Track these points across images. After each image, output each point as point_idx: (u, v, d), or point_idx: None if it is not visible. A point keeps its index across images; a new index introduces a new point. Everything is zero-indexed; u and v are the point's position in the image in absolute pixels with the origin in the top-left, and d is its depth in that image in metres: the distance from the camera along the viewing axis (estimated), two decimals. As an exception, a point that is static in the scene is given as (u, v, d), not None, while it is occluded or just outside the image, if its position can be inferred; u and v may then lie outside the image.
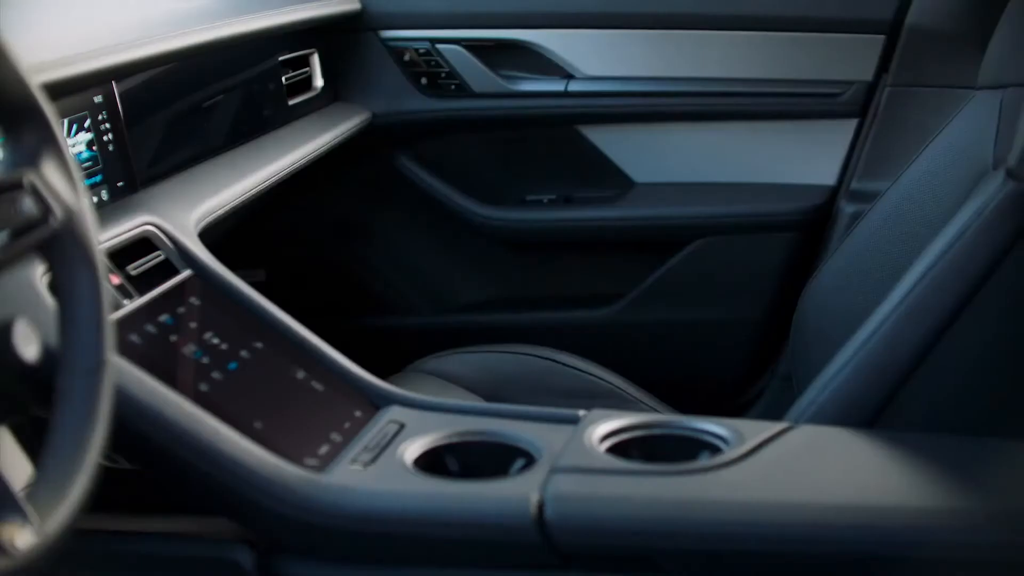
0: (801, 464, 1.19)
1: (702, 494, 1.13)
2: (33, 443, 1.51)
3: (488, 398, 1.91)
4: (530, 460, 1.24)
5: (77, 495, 0.91)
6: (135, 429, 1.18)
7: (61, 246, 0.98)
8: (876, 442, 1.22)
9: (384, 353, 2.07)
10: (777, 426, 1.25)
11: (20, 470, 1.49)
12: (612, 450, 1.24)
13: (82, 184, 1.01)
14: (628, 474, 1.17)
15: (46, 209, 0.96)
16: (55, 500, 0.90)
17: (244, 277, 1.49)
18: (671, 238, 2.35)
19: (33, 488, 0.92)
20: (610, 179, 2.39)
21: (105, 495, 0.95)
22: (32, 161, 0.96)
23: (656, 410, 1.98)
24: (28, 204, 0.95)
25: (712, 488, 1.14)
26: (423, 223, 2.50)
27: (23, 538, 0.85)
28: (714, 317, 2.35)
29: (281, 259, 2.50)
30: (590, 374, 2.02)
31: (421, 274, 2.53)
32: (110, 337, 0.99)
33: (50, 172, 0.98)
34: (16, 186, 0.95)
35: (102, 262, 1.01)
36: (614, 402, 1.95)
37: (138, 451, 1.20)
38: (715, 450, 1.23)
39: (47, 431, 0.95)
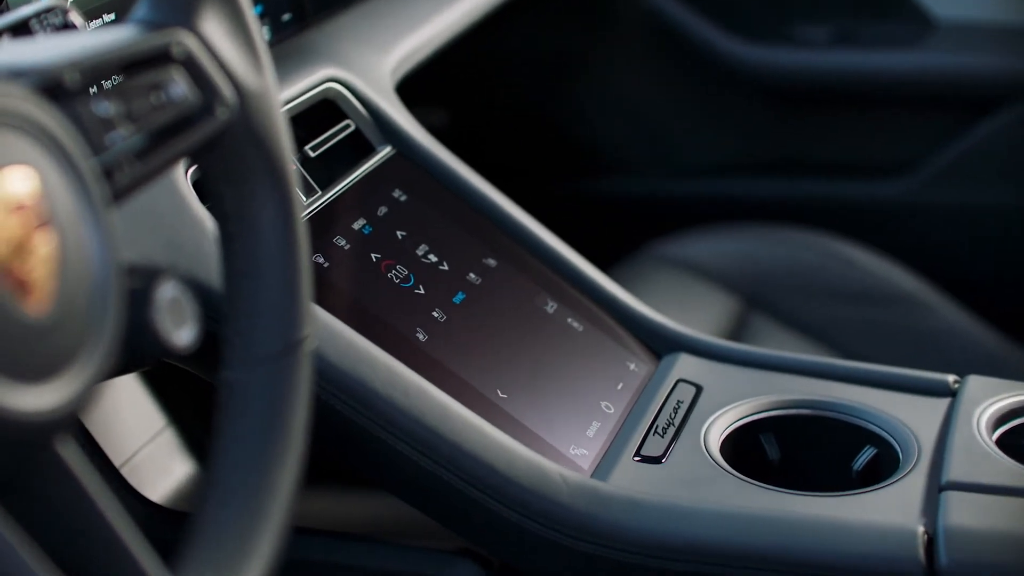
0: None
1: None
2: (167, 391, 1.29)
3: (749, 298, 1.80)
4: (884, 449, 1.08)
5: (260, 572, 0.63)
6: (321, 401, 0.96)
7: (233, 152, 0.71)
8: None
9: (602, 229, 2.04)
10: None
11: (148, 422, 1.29)
12: (1003, 443, 1.06)
13: (265, 50, 0.71)
14: None
15: (209, 93, 0.69)
16: None
17: (421, 118, 1.32)
18: (983, 96, 2.17)
19: (190, 556, 0.63)
20: (904, 14, 2.23)
21: None
22: (186, 16, 0.69)
23: (969, 324, 1.84)
24: (180, 86, 0.67)
25: None
26: (657, 62, 2.35)
27: None
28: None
29: (468, 101, 2.37)
30: (877, 273, 1.89)
31: (651, 127, 2.37)
32: (308, 298, 0.70)
33: (214, 32, 0.70)
34: (162, 58, 0.67)
35: (295, 175, 0.71)
36: (916, 313, 1.84)
37: (325, 430, 0.95)
38: None
39: (210, 456, 0.66)
